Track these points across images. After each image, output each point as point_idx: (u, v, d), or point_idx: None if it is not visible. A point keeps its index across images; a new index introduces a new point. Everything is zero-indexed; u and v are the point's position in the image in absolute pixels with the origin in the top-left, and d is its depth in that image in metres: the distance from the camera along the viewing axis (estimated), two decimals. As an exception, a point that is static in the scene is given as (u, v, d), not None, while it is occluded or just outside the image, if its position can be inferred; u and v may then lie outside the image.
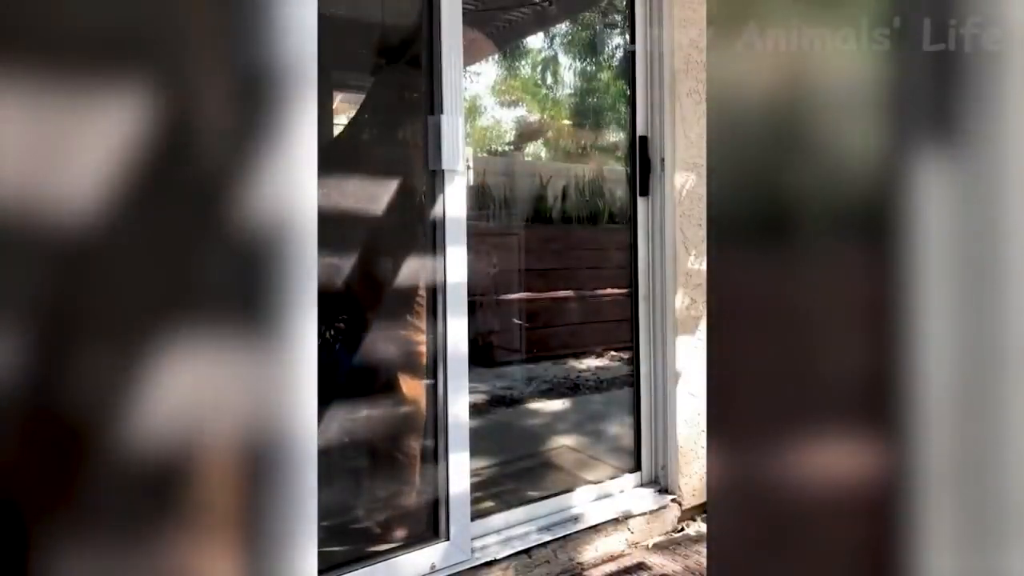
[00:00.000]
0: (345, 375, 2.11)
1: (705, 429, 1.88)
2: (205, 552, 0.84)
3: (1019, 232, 0.87)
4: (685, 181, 2.56)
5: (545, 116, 3.87)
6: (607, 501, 2.47)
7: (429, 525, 2.09)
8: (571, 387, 3.07)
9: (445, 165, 2.05)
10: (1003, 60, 0.86)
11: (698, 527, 2.52)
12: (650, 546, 2.40)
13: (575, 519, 2.35)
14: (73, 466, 0.77)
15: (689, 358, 2.57)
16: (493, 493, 2.40)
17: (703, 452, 2.54)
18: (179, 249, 0.84)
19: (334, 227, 1.92)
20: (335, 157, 2.19)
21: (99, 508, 0.79)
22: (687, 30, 2.55)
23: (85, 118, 0.78)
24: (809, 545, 0.99)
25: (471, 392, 2.14)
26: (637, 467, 2.62)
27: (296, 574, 0.87)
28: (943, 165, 0.88)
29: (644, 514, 2.45)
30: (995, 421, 0.89)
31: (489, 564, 2.09)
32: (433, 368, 2.09)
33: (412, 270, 2.13)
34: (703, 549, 2.28)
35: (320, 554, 0.94)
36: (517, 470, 2.61)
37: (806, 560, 0.98)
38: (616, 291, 2.75)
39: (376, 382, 2.16)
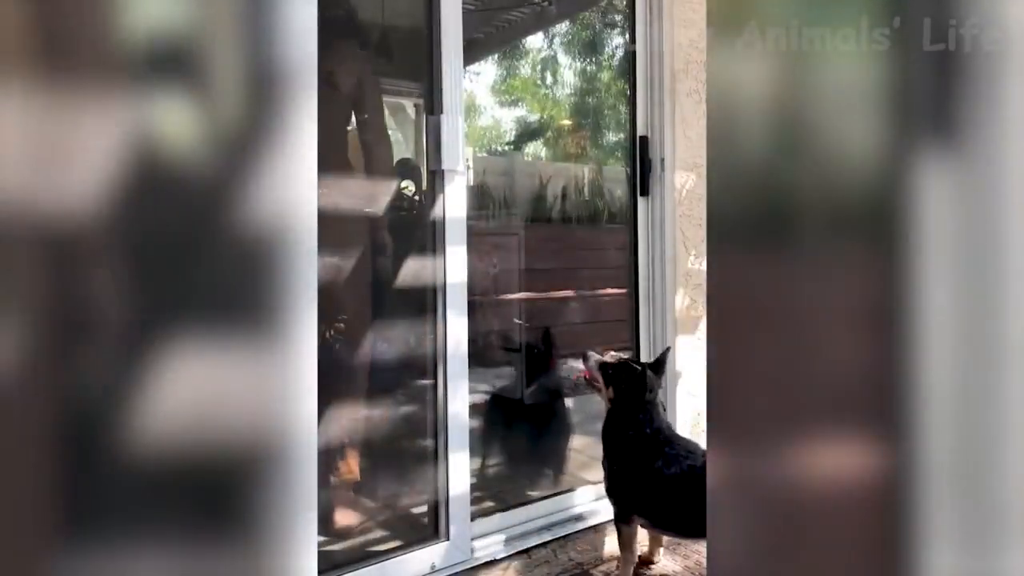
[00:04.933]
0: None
1: (705, 429, 1.88)
2: (205, 551, 0.84)
3: (1019, 232, 0.87)
4: (685, 181, 2.56)
5: (545, 116, 3.86)
6: (607, 501, 2.47)
7: (429, 525, 2.09)
8: (571, 387, 3.06)
9: (445, 165, 2.04)
10: (1003, 60, 0.86)
11: (698, 527, 2.51)
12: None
13: (575, 519, 2.35)
14: (74, 467, 0.77)
15: (689, 358, 2.57)
16: (494, 493, 2.40)
17: (703, 452, 2.53)
18: (180, 249, 0.84)
19: (334, 227, 1.92)
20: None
21: (101, 508, 0.79)
22: (687, 30, 2.55)
23: (87, 119, 0.78)
24: (809, 544, 0.99)
25: (471, 392, 2.14)
26: (637, 467, 2.61)
27: (296, 574, 0.87)
28: (943, 165, 0.88)
29: (644, 514, 2.45)
30: (995, 421, 0.89)
31: (489, 564, 2.09)
32: (433, 368, 2.09)
33: (412, 270, 2.13)
34: (703, 549, 2.27)
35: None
36: (518, 470, 2.61)
37: (806, 559, 0.98)
38: (616, 291, 2.75)
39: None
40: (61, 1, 0.78)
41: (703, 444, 1.77)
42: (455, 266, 2.08)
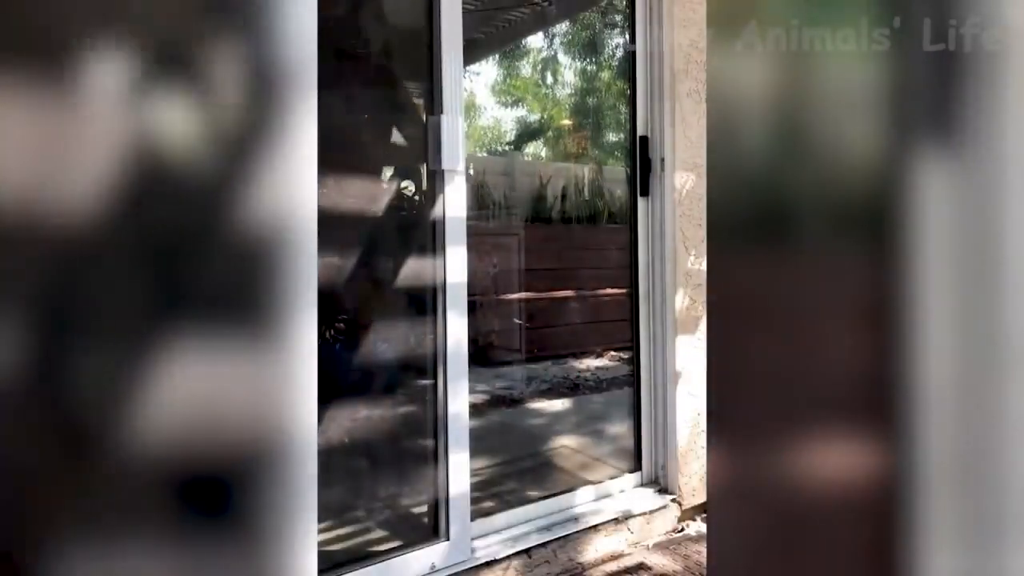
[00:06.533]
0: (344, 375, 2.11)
1: (705, 429, 1.88)
2: (205, 551, 0.84)
3: (1019, 232, 0.87)
4: (685, 181, 2.56)
5: (545, 116, 3.87)
6: (607, 501, 2.47)
7: (429, 525, 2.09)
8: (571, 387, 3.07)
9: (445, 165, 2.05)
10: (1003, 60, 0.85)
11: (698, 527, 2.52)
12: (650, 546, 2.40)
13: (575, 519, 2.35)
14: (75, 466, 0.77)
15: (689, 358, 2.57)
16: (493, 493, 2.40)
17: (703, 452, 2.54)
18: (180, 249, 0.84)
19: (335, 227, 1.92)
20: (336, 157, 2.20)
21: (100, 508, 0.79)
22: (687, 30, 2.55)
23: (86, 119, 0.78)
24: (809, 544, 0.99)
25: (471, 392, 2.14)
26: (637, 467, 2.62)
27: (296, 574, 0.87)
28: (943, 165, 0.88)
29: (644, 514, 2.45)
30: (995, 420, 0.89)
31: (489, 564, 2.09)
32: (433, 368, 2.09)
33: (412, 270, 2.13)
34: (703, 549, 2.28)
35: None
36: (517, 470, 2.61)
37: (806, 559, 0.98)
38: (616, 291, 2.75)
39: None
40: (61, 0, 0.78)
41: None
42: (455, 266, 2.08)
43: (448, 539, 2.05)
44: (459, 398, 2.08)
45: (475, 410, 2.26)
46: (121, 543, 0.79)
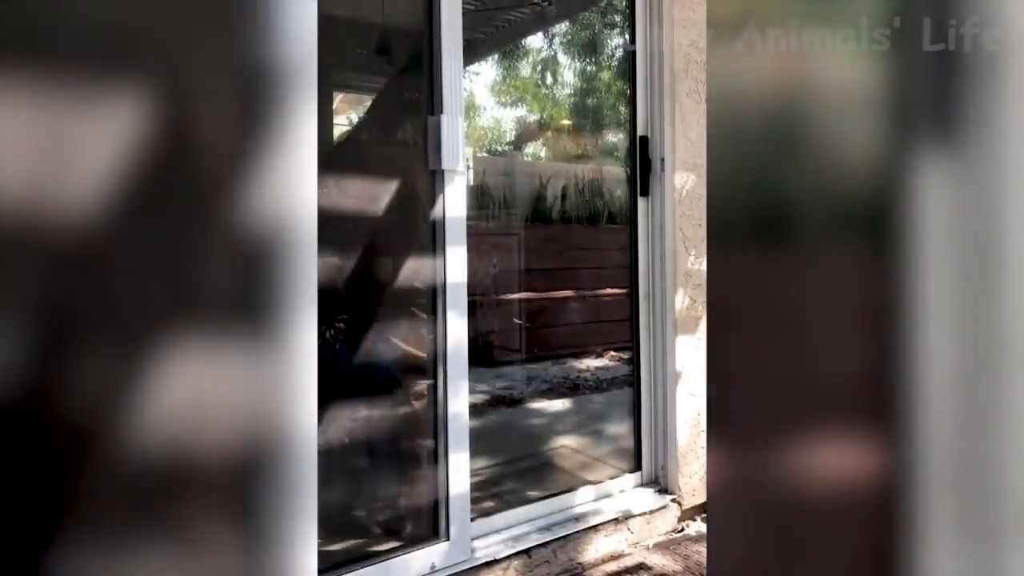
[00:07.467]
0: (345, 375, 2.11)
1: (705, 429, 1.88)
2: (205, 551, 0.84)
3: (1019, 232, 0.87)
4: (685, 181, 2.56)
5: (545, 116, 3.87)
6: (607, 501, 2.47)
7: (429, 525, 2.09)
8: (571, 387, 3.07)
9: (445, 165, 2.05)
10: (1003, 60, 0.85)
11: (698, 527, 2.52)
12: (650, 546, 2.40)
13: (575, 519, 2.35)
14: (74, 466, 0.77)
15: (689, 358, 2.57)
16: (493, 493, 2.40)
17: (703, 452, 2.54)
18: (180, 250, 0.84)
19: (335, 227, 1.92)
20: (336, 157, 2.20)
21: (100, 508, 0.79)
22: (687, 30, 2.55)
23: (86, 120, 0.78)
24: (809, 544, 0.99)
25: (471, 392, 2.14)
26: (637, 467, 2.62)
27: (296, 574, 0.87)
28: (943, 165, 0.88)
29: (644, 514, 2.45)
30: (995, 421, 0.89)
31: (489, 564, 2.09)
32: (433, 368, 2.10)
33: (412, 270, 2.13)
34: (703, 549, 2.28)
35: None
36: (517, 470, 2.61)
37: (806, 559, 0.98)
38: (616, 291, 2.75)
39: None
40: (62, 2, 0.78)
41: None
42: (455, 266, 2.08)
43: (448, 539, 2.05)
44: (459, 398, 2.08)
45: (475, 410, 2.26)
46: (121, 543, 0.79)
